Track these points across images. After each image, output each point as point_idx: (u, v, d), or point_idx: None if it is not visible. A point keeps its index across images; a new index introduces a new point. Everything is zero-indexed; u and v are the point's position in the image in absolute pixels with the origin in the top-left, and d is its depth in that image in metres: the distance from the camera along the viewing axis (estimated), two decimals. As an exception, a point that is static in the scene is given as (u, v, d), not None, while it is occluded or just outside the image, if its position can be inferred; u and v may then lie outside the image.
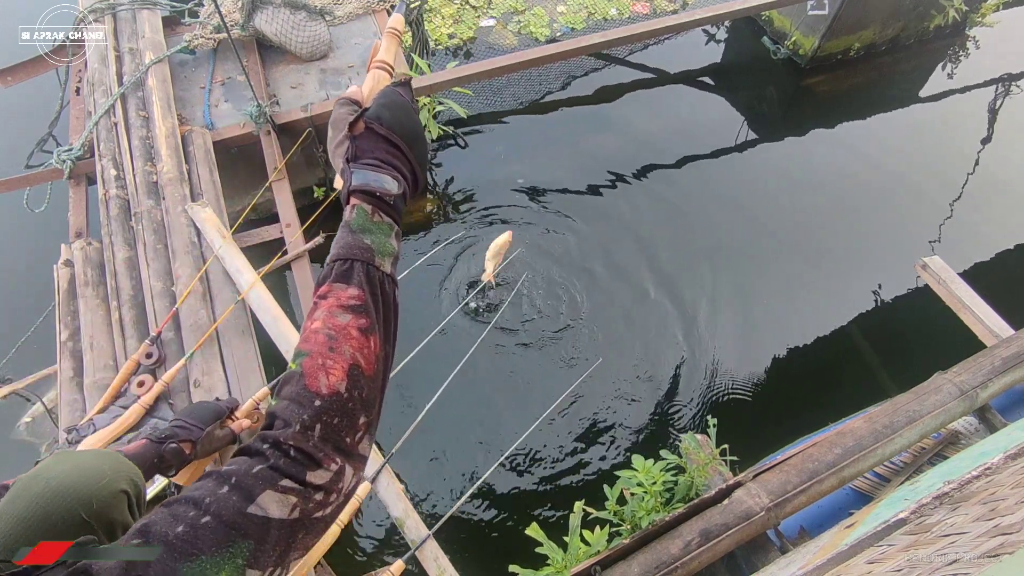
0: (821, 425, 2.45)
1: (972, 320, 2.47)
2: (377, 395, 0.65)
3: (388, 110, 0.70)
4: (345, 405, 0.60)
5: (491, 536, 2.68)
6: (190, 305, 2.15)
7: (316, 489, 0.58)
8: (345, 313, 0.63)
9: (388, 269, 0.68)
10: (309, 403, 0.59)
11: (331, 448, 0.60)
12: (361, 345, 0.62)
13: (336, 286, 0.64)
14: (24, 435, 2.67)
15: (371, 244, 0.66)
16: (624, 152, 4.12)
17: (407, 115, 0.71)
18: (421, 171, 0.73)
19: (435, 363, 2.88)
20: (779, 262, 3.62)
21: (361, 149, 0.69)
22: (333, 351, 0.61)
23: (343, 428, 0.60)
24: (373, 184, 0.67)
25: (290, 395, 0.60)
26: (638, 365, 3.17)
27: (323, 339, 0.62)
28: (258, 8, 3.12)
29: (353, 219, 0.67)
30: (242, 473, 0.56)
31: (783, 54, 4.74)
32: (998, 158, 4.25)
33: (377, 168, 0.68)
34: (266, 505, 0.55)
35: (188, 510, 0.53)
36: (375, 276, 0.66)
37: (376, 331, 0.64)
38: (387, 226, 0.69)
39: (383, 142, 0.69)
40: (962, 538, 1.05)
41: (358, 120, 0.69)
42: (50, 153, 2.83)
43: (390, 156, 0.69)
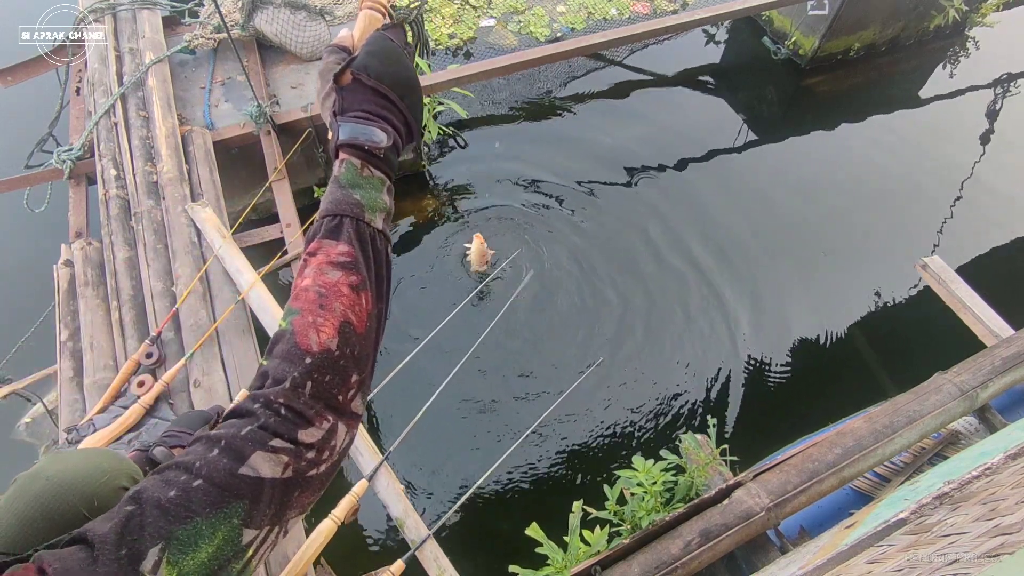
0: (821, 425, 2.45)
1: (972, 320, 2.47)
2: (370, 352, 0.64)
3: (376, 58, 0.66)
4: (336, 362, 0.59)
5: (491, 536, 2.68)
6: (190, 305, 2.15)
7: (308, 447, 0.57)
8: (335, 270, 0.61)
9: (379, 225, 0.66)
10: (299, 360, 0.58)
11: (322, 406, 0.59)
12: (352, 302, 0.61)
13: (325, 242, 0.62)
14: (23, 436, 2.67)
15: (360, 199, 0.64)
16: (624, 152, 4.11)
17: (398, 63, 0.68)
18: (416, 121, 0.70)
19: (435, 363, 2.88)
20: (779, 262, 3.62)
21: (348, 102, 0.66)
22: (323, 308, 0.60)
23: (334, 385, 0.60)
24: (361, 138, 0.65)
25: (281, 353, 0.59)
26: (638, 365, 3.17)
27: (313, 296, 0.60)
28: (258, 8, 3.12)
29: (342, 174, 0.65)
30: (231, 435, 0.55)
31: (783, 54, 4.74)
32: (998, 158, 4.25)
33: (366, 120, 0.65)
34: (257, 465, 0.54)
35: (179, 475, 0.52)
36: (365, 232, 0.64)
37: (368, 288, 0.63)
38: (378, 180, 0.66)
39: (372, 94, 0.66)
40: (962, 538, 1.05)
41: (344, 71, 0.66)
42: (50, 153, 2.83)
43: (380, 108, 0.66)
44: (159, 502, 0.50)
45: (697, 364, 3.18)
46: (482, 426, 2.96)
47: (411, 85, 0.69)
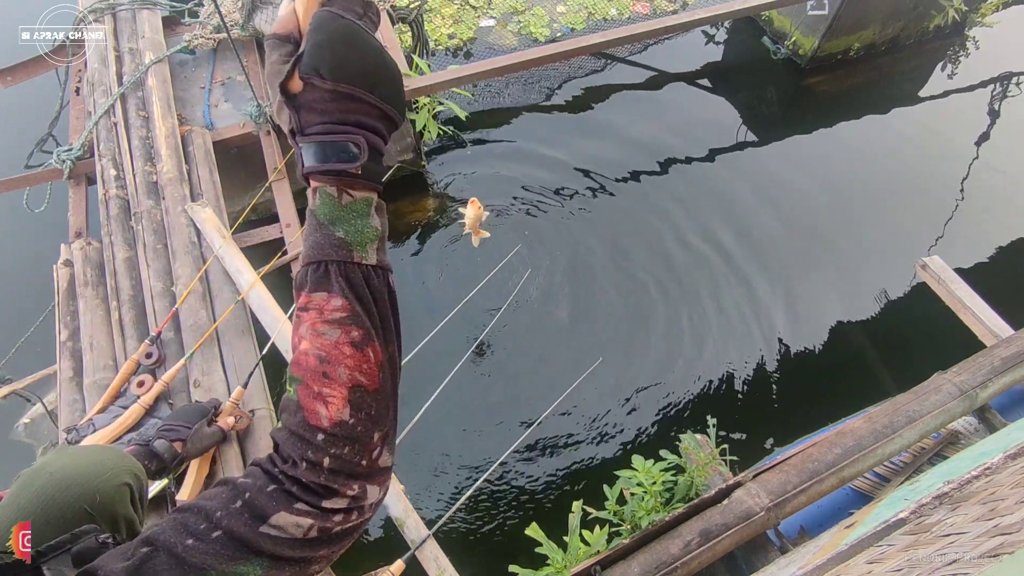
0: (821, 425, 2.46)
1: (972, 320, 2.47)
2: (388, 404, 0.58)
3: (328, 50, 0.52)
4: (353, 431, 0.54)
5: (491, 536, 2.68)
6: (190, 305, 2.15)
7: (335, 512, 0.54)
8: (332, 328, 0.54)
9: (372, 259, 0.56)
10: (312, 437, 0.53)
11: (344, 477, 0.54)
12: (358, 362, 0.54)
13: (315, 296, 0.55)
14: (22, 436, 2.67)
15: (345, 236, 0.55)
16: (624, 152, 4.12)
17: (355, 48, 0.53)
18: (397, 107, 0.57)
19: (434, 362, 2.89)
20: (778, 262, 3.61)
21: (306, 115, 0.54)
22: (327, 377, 0.54)
23: (355, 454, 0.55)
24: (332, 160, 0.54)
25: (291, 426, 0.55)
26: (638, 365, 3.17)
27: (314, 363, 0.54)
28: (258, 8, 3.12)
29: (318, 208, 0.55)
30: (256, 490, 0.52)
31: (783, 54, 4.74)
32: (998, 158, 4.25)
33: (331, 136, 0.53)
34: (280, 524, 0.51)
35: (199, 522, 0.50)
36: (356, 276, 0.55)
37: (373, 338, 0.56)
38: (362, 203, 0.56)
39: (332, 99, 0.53)
40: (962, 538, 1.05)
41: (291, 76, 0.53)
42: (50, 153, 2.83)
43: (346, 112, 0.53)
44: (174, 549, 0.48)
45: (697, 364, 3.18)
46: (482, 426, 2.97)
47: (380, 69, 0.54)
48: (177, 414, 1.67)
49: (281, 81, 0.53)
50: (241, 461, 1.83)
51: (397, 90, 0.57)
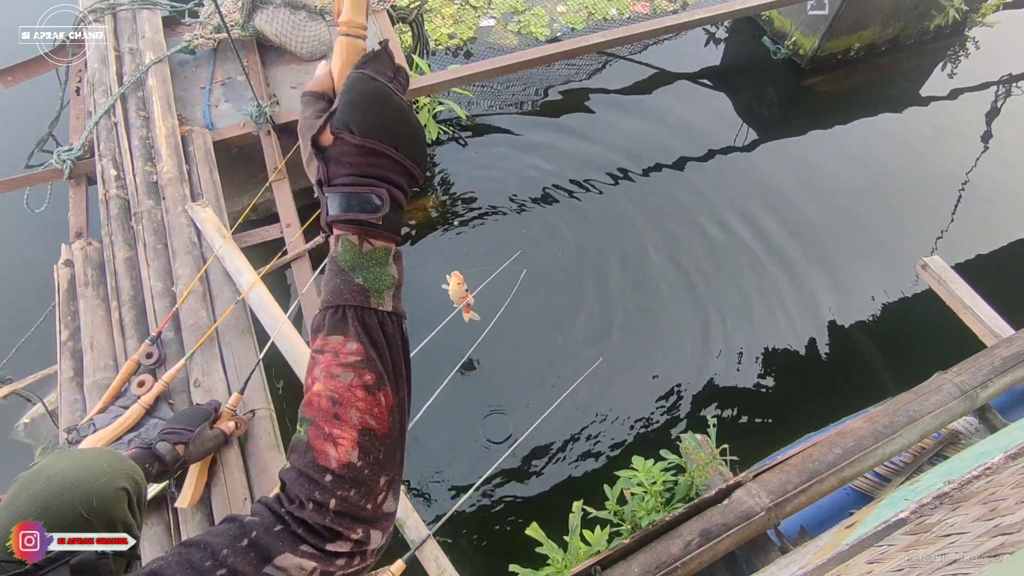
0: (821, 425, 2.45)
1: (972, 320, 2.47)
2: (396, 448, 0.59)
3: (358, 109, 0.56)
4: (360, 474, 0.55)
5: (491, 536, 2.68)
6: (190, 305, 2.15)
7: (338, 555, 0.55)
8: (346, 372, 0.56)
9: (388, 306, 0.59)
10: (320, 478, 0.54)
11: (349, 520, 0.55)
12: (370, 406, 0.56)
13: (332, 339, 0.57)
14: (21, 436, 2.67)
15: (363, 283, 0.58)
16: (623, 152, 4.12)
17: (385, 107, 0.57)
18: (419, 164, 0.61)
19: (432, 361, 2.89)
20: (778, 262, 3.62)
21: (334, 168, 0.57)
22: (339, 419, 0.55)
23: (361, 497, 0.56)
24: (355, 210, 0.57)
25: (300, 466, 0.56)
26: (638, 365, 3.17)
27: (326, 404, 0.56)
28: (258, 8, 3.12)
29: (339, 254, 0.58)
30: (262, 529, 0.53)
31: (783, 54, 4.74)
32: (998, 158, 4.25)
33: (356, 188, 0.57)
34: (285, 566, 0.52)
35: (204, 559, 0.50)
36: (372, 321, 0.58)
37: (385, 382, 0.58)
38: (382, 252, 0.59)
39: (359, 153, 0.56)
40: (962, 538, 1.05)
41: (322, 130, 0.57)
42: (50, 153, 2.83)
43: (372, 168, 0.57)
44: None
45: (697, 364, 3.18)
46: (482, 426, 2.97)
47: (406, 128, 0.59)
48: (178, 417, 1.67)
49: (313, 135, 0.57)
50: (242, 463, 1.83)
51: (420, 148, 0.61)
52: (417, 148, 0.60)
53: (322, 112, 0.58)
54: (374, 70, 0.58)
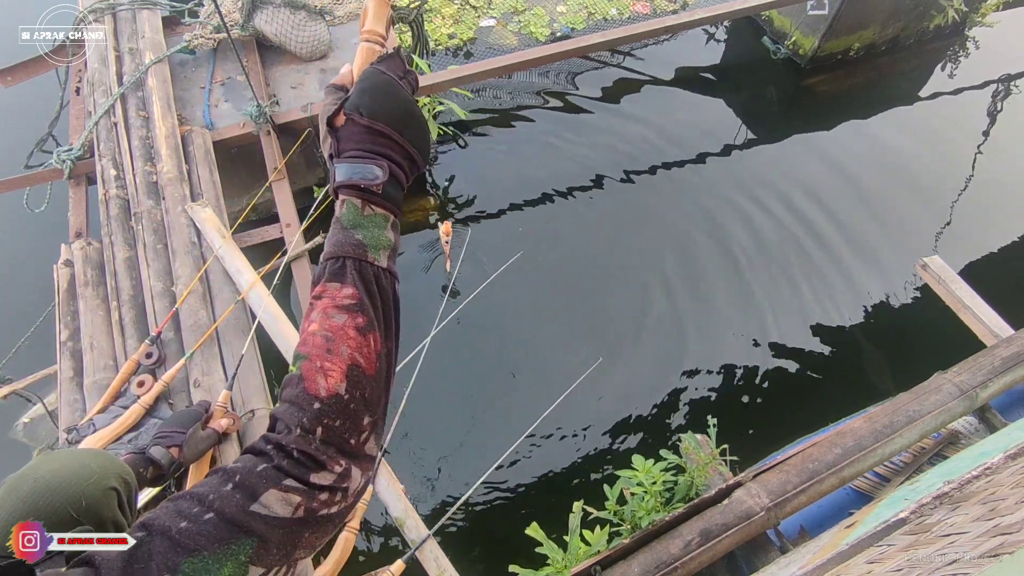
0: (821, 425, 2.45)
1: (972, 320, 2.47)
2: (381, 394, 0.64)
3: (369, 96, 0.65)
4: (346, 406, 0.59)
5: (491, 536, 2.68)
6: (190, 305, 2.15)
7: (321, 489, 0.58)
8: (341, 313, 0.61)
9: (383, 263, 0.66)
10: (308, 406, 0.58)
11: (334, 450, 0.59)
12: (360, 344, 0.61)
13: (330, 285, 0.63)
14: (20, 436, 2.67)
15: (363, 239, 0.64)
16: (623, 152, 4.12)
17: (392, 97, 0.66)
18: (421, 151, 0.69)
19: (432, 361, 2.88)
20: (778, 261, 3.62)
21: (344, 143, 0.65)
22: (331, 352, 0.60)
23: (345, 430, 0.59)
24: (356, 177, 0.64)
25: (290, 398, 0.59)
26: (638, 365, 3.17)
27: (320, 341, 0.60)
28: (258, 8, 3.12)
29: (343, 215, 0.65)
30: (246, 471, 0.55)
31: (783, 54, 4.74)
32: (998, 158, 4.25)
33: (361, 160, 0.65)
34: (269, 503, 0.54)
35: (192, 506, 0.53)
36: (369, 272, 0.64)
37: (375, 328, 0.63)
38: (381, 218, 0.66)
39: (367, 132, 0.65)
40: (962, 538, 1.05)
41: (337, 112, 0.66)
42: (50, 153, 2.83)
43: (376, 145, 0.65)
44: (168, 532, 0.51)
45: (697, 365, 3.18)
46: (482, 426, 2.97)
47: (409, 117, 0.67)
48: (171, 420, 1.68)
49: (329, 116, 0.66)
50: (241, 461, 1.83)
51: (422, 137, 0.69)
52: (420, 136, 0.68)
53: (338, 100, 0.66)
54: (387, 67, 0.67)
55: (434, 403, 2.98)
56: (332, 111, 0.65)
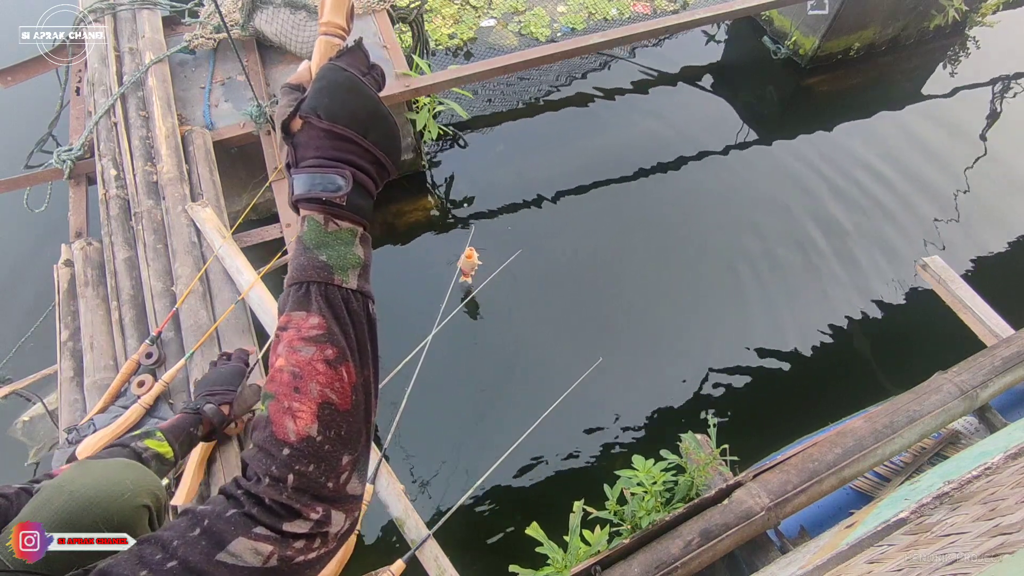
0: (821, 425, 2.45)
1: (972, 320, 2.47)
2: (361, 428, 0.58)
3: (327, 95, 0.58)
4: (319, 449, 0.54)
5: (491, 536, 2.68)
6: (190, 305, 2.15)
7: (296, 537, 0.53)
8: (308, 346, 0.55)
9: (353, 284, 0.59)
10: (278, 452, 0.53)
11: (309, 497, 0.54)
12: (331, 379, 0.55)
13: (295, 315, 0.57)
14: (19, 435, 2.67)
15: (327, 260, 0.58)
16: (623, 152, 4.12)
17: (353, 95, 0.59)
18: (390, 154, 0.62)
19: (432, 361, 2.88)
20: (779, 261, 3.62)
21: (302, 150, 0.59)
22: (298, 391, 0.54)
23: (321, 473, 0.54)
24: (317, 189, 0.57)
25: (259, 442, 0.55)
26: (638, 365, 3.17)
27: (287, 378, 0.55)
28: (258, 8, 3.12)
29: (305, 233, 0.59)
30: (215, 516, 0.52)
31: (783, 54, 4.74)
32: (998, 158, 4.25)
33: (321, 168, 0.58)
34: (238, 552, 0.50)
35: (155, 552, 0.49)
36: (336, 297, 0.58)
37: (348, 359, 0.57)
38: (347, 233, 0.60)
39: (327, 138, 0.58)
40: (962, 538, 1.05)
41: (293, 116, 0.59)
42: (50, 153, 2.84)
43: (338, 151, 0.58)
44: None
45: (697, 364, 3.18)
46: (482, 425, 2.97)
47: (374, 116, 0.60)
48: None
49: (284, 120, 0.59)
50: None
51: (391, 139, 0.62)
52: (387, 139, 0.61)
53: (295, 101, 0.59)
54: (346, 63, 0.60)
55: (434, 403, 2.98)
56: (287, 114, 0.59)
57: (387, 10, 3.52)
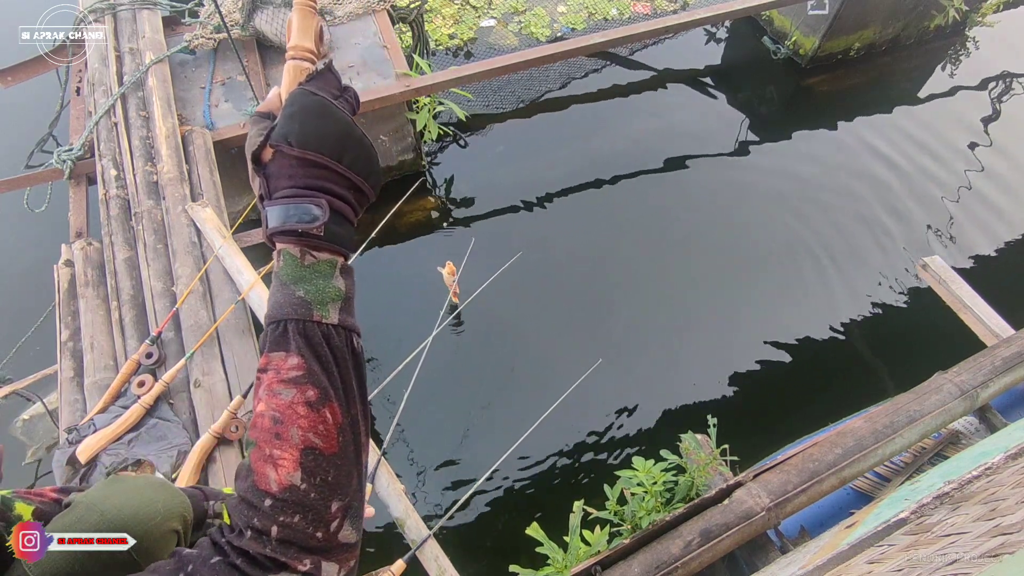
0: (821, 425, 2.45)
1: (972, 320, 2.47)
2: (351, 471, 0.55)
3: (297, 122, 0.55)
4: (304, 498, 0.51)
5: (491, 536, 2.68)
6: (190, 305, 2.15)
7: None
8: (287, 388, 0.53)
9: (333, 319, 0.56)
10: (259, 503, 0.51)
11: (296, 550, 0.51)
12: (313, 423, 0.52)
13: (274, 356, 0.54)
14: (18, 433, 2.67)
15: (305, 296, 0.55)
16: (623, 152, 4.12)
17: (325, 119, 0.56)
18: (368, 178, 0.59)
19: (432, 362, 2.88)
20: (779, 261, 3.62)
21: (274, 181, 0.56)
22: (279, 438, 0.51)
23: (308, 523, 0.51)
24: (292, 221, 0.54)
25: (241, 492, 0.52)
26: (638, 365, 3.17)
27: (268, 424, 0.52)
28: (258, 8, 3.12)
29: (281, 268, 0.56)
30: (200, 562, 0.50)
31: (783, 54, 4.74)
32: (998, 158, 4.25)
33: (295, 199, 0.55)
34: None
35: None
36: (315, 335, 0.54)
37: (331, 399, 0.54)
38: (326, 265, 0.57)
39: (300, 166, 0.55)
40: (962, 538, 1.05)
41: (264, 145, 0.56)
42: (50, 153, 2.84)
43: (311, 179, 0.55)
44: None
45: (697, 364, 3.18)
46: (482, 426, 2.97)
47: (348, 139, 0.57)
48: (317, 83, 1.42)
49: (254, 150, 0.56)
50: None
51: (367, 162, 0.59)
52: (364, 162, 0.58)
53: (266, 129, 0.57)
54: (316, 86, 0.58)
55: (434, 404, 2.98)
56: (257, 144, 0.56)
57: (387, 10, 3.52)
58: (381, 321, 3.25)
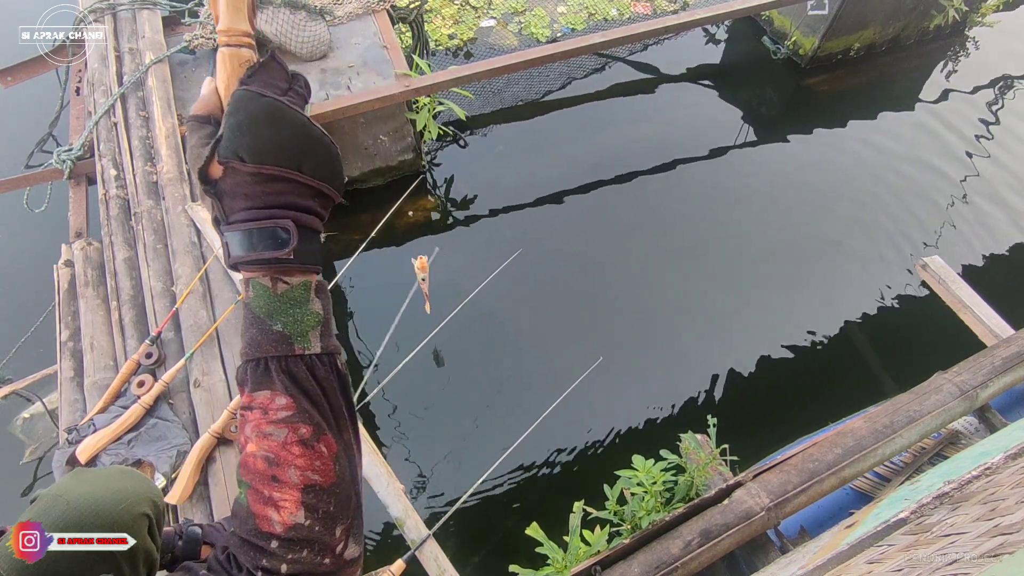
0: (821, 425, 2.45)
1: (972, 320, 2.46)
2: (350, 493, 0.54)
3: (247, 132, 0.48)
4: (310, 532, 0.51)
5: (491, 536, 2.68)
6: (190, 305, 2.15)
7: None
8: (278, 428, 0.50)
9: (316, 347, 0.53)
10: (265, 545, 0.50)
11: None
12: (310, 461, 0.51)
13: (258, 395, 0.51)
14: (18, 432, 2.67)
15: (283, 329, 0.51)
16: (623, 152, 4.12)
17: (278, 125, 0.49)
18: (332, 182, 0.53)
19: (432, 362, 2.88)
20: (779, 262, 3.62)
21: (229, 203, 0.50)
22: (277, 480, 0.50)
23: (316, 554, 0.51)
24: (259, 249, 0.50)
25: (243, 534, 0.51)
26: (638, 365, 3.17)
27: (262, 466, 0.50)
28: (258, 8, 3.12)
29: (252, 300, 0.52)
30: None
31: (783, 54, 4.74)
32: (998, 157, 4.25)
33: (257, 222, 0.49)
34: None
35: None
36: (299, 369, 0.52)
37: (325, 431, 0.52)
38: (300, 289, 0.52)
39: (256, 182, 0.49)
40: (962, 538, 1.05)
41: (210, 161, 0.49)
42: (50, 153, 2.84)
43: (273, 195, 0.50)
44: None
45: (697, 364, 3.18)
46: (482, 425, 2.96)
47: (306, 143, 0.50)
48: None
49: (200, 167, 0.50)
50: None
51: (330, 164, 0.53)
52: (326, 164, 0.52)
53: (209, 138, 0.50)
54: (262, 83, 0.50)
55: (434, 403, 2.98)
56: (203, 160, 0.49)
57: (387, 10, 3.52)
58: (380, 322, 3.25)
